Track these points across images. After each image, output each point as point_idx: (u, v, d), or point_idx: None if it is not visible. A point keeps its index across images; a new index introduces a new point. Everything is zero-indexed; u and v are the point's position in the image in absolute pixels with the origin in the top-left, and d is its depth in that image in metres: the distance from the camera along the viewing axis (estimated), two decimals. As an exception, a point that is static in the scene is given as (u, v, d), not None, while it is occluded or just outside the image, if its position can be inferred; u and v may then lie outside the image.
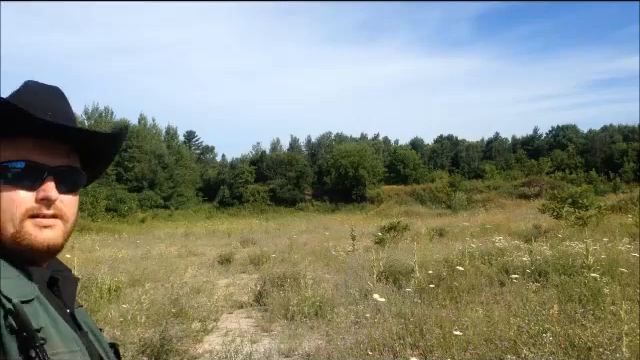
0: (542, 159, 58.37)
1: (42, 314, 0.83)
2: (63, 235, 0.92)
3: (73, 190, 0.94)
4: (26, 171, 0.88)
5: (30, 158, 0.88)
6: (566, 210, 15.50)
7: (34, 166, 0.88)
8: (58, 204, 0.90)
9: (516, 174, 55.43)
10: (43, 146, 0.90)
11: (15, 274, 0.85)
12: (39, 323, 0.81)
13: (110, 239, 20.07)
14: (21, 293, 0.81)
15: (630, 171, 50.52)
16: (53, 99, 0.95)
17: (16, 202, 0.87)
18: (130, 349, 4.95)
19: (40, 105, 0.90)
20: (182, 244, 16.87)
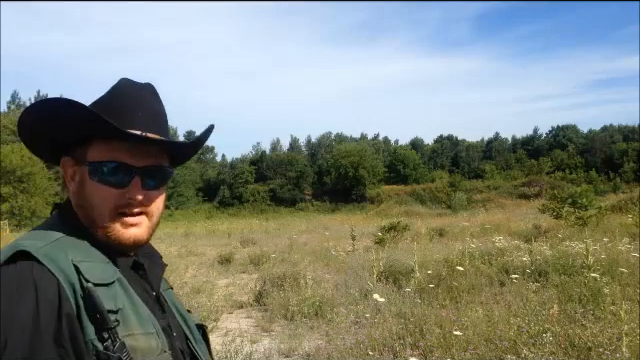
0: (542, 159, 58.40)
1: (122, 296, 0.89)
2: (148, 230, 0.98)
3: (160, 187, 1.00)
4: (116, 171, 0.93)
5: (121, 159, 0.93)
6: (566, 210, 15.49)
7: (124, 167, 0.94)
8: (144, 202, 0.96)
9: (516, 174, 55.44)
10: (133, 148, 0.94)
11: (100, 258, 0.92)
12: (117, 305, 0.87)
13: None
14: (101, 276, 0.88)
15: (630, 171, 50.54)
16: (145, 98, 0.99)
17: (106, 199, 0.93)
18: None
19: (131, 104, 0.96)
20: (182, 244, 16.86)
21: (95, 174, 0.93)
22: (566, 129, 68.76)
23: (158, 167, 0.97)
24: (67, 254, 0.86)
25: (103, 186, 0.93)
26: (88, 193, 0.94)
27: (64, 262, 0.85)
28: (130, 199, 0.94)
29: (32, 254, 0.83)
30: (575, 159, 59.23)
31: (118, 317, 0.85)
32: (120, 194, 0.94)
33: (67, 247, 0.88)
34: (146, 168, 0.95)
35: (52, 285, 0.81)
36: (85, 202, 0.95)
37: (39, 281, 0.81)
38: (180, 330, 1.03)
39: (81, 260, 0.87)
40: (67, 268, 0.84)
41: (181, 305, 1.10)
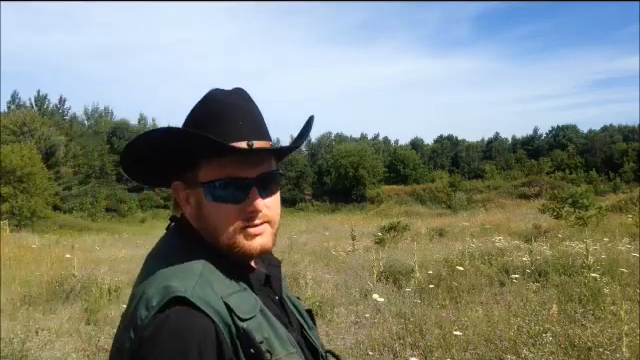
0: (542, 159, 58.37)
1: (265, 325, 0.89)
2: (272, 237, 0.97)
3: (274, 191, 0.98)
4: (231, 187, 0.92)
5: (233, 174, 0.92)
6: (566, 210, 15.48)
7: (238, 181, 0.92)
8: (265, 211, 0.94)
9: (516, 174, 55.42)
10: (243, 160, 0.92)
11: (237, 285, 0.92)
12: (263, 335, 0.87)
13: (110, 239, 20.06)
14: (248, 310, 0.88)
15: (630, 171, 50.52)
16: (241, 105, 0.96)
17: (228, 217, 0.92)
18: (130, 349, 4.95)
19: (230, 115, 0.94)
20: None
21: (211, 194, 0.92)
22: (566, 129, 68.76)
23: (270, 173, 0.97)
24: (215, 291, 0.87)
25: (221, 204, 0.92)
26: (207, 214, 0.94)
27: (216, 302, 0.85)
28: (252, 212, 0.93)
29: (188, 299, 0.83)
30: (575, 159, 59.23)
31: (266, 346, 0.87)
32: (240, 209, 0.92)
33: (211, 281, 0.88)
34: (259, 177, 0.94)
35: (211, 331, 0.82)
36: (206, 223, 0.94)
37: (199, 330, 0.81)
38: (296, 321, 1.04)
39: (228, 294, 0.88)
40: (220, 309, 0.85)
41: (290, 292, 1.10)
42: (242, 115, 0.95)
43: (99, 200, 40.96)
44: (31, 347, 4.69)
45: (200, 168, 0.94)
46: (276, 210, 0.98)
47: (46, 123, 41.99)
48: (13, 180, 28.89)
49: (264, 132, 0.98)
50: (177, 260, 0.91)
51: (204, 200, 0.93)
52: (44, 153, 37.42)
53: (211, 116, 0.94)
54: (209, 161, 0.92)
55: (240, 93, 0.99)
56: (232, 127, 0.92)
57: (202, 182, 0.93)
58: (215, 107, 0.95)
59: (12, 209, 27.58)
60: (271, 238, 0.97)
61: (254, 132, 0.94)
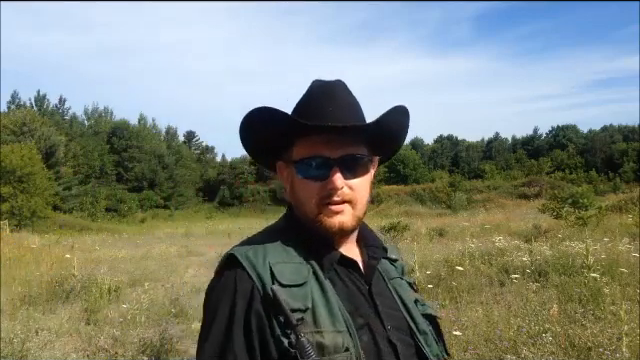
0: (542, 159, 58.39)
1: (314, 295, 0.97)
2: (352, 218, 1.03)
3: (359, 175, 1.04)
4: (316, 165, 1.01)
5: (318, 153, 1.01)
6: (566, 210, 15.49)
7: (321, 160, 1.01)
8: (345, 191, 1.01)
9: (516, 174, 55.41)
10: (329, 141, 1.00)
11: (299, 259, 1.01)
12: (306, 304, 0.95)
13: (110, 239, 20.06)
14: (293, 278, 0.97)
15: (630, 171, 50.52)
16: (335, 93, 1.05)
17: (311, 193, 1.02)
18: (130, 349, 4.96)
19: (322, 101, 1.04)
20: (182, 244, 16.87)
21: (299, 171, 1.03)
22: (566, 129, 68.77)
23: (353, 156, 1.02)
24: (266, 258, 0.99)
25: (307, 181, 1.02)
26: (297, 190, 1.05)
27: (261, 266, 0.97)
28: (331, 189, 1.00)
29: (238, 260, 0.99)
30: (575, 159, 59.24)
31: (306, 315, 0.94)
32: (322, 186, 1.01)
33: (268, 251, 1.01)
34: (342, 158, 1.00)
35: (248, 287, 0.96)
36: (296, 199, 1.06)
37: (239, 284, 0.97)
38: (402, 322, 1.06)
39: (278, 262, 0.99)
40: (263, 272, 0.97)
41: (407, 294, 1.12)
42: (334, 102, 1.03)
43: (99, 200, 40.96)
44: (31, 347, 4.69)
45: (294, 147, 1.04)
46: (360, 192, 1.04)
47: (46, 123, 41.99)
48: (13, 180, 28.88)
49: (355, 119, 1.04)
50: (260, 236, 1.07)
51: (295, 177, 1.04)
52: (44, 153, 37.41)
53: (305, 101, 1.06)
54: (300, 141, 1.03)
55: (338, 84, 1.08)
56: (320, 111, 1.02)
57: (294, 160, 1.04)
58: (310, 94, 1.07)
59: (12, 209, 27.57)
60: (352, 218, 1.03)
61: (343, 117, 1.01)
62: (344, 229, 1.02)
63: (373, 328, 1.01)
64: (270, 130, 1.05)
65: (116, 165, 51.29)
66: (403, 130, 1.13)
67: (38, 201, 29.49)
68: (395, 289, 1.11)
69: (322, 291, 0.99)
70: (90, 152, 47.94)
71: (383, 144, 1.11)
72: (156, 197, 50.62)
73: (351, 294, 1.03)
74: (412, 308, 1.09)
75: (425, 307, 1.13)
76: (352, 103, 1.07)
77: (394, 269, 1.16)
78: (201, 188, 57.09)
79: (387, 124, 1.05)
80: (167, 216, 46.49)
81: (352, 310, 1.00)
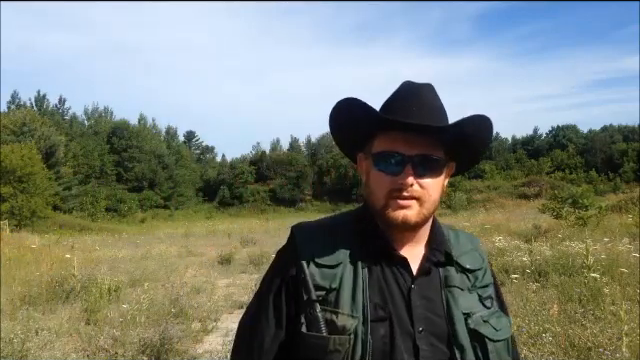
0: (542, 159, 58.38)
1: (344, 278, 1.04)
2: (418, 214, 1.06)
3: (431, 175, 1.07)
4: (391, 159, 1.06)
5: (395, 149, 1.05)
6: (566, 210, 15.49)
7: (397, 155, 1.05)
8: (415, 188, 1.04)
9: (516, 174, 55.43)
10: (407, 138, 1.04)
11: (342, 244, 1.09)
12: (332, 284, 1.04)
13: (110, 239, 20.06)
14: (327, 259, 1.07)
15: (630, 171, 50.52)
16: (421, 94, 1.08)
17: (383, 184, 1.06)
18: (130, 349, 4.95)
19: (407, 101, 1.07)
20: (182, 244, 16.86)
21: (376, 164, 1.07)
22: (566, 129, 68.73)
23: (428, 156, 1.05)
24: (317, 237, 1.10)
25: (381, 173, 1.07)
26: (371, 181, 1.09)
27: (307, 244, 1.09)
28: (402, 184, 1.03)
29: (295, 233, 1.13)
30: (575, 159, 59.21)
31: (330, 295, 1.03)
32: (394, 180, 1.04)
33: (323, 231, 1.12)
34: (418, 156, 1.04)
35: (291, 257, 1.09)
36: (369, 189, 1.10)
37: (285, 257, 1.12)
38: (442, 330, 1.06)
39: (323, 243, 1.08)
40: (307, 249, 1.08)
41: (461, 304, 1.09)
42: (418, 102, 1.06)
43: (99, 200, 40.97)
44: (31, 347, 4.69)
45: (375, 140, 1.09)
46: (430, 191, 1.06)
47: (46, 123, 41.99)
48: (13, 180, 28.88)
49: (437, 121, 1.05)
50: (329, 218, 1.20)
51: (372, 169, 1.09)
52: (44, 153, 37.41)
53: (392, 99, 1.10)
54: (381, 135, 1.07)
55: (426, 86, 1.11)
56: (404, 109, 1.05)
57: (373, 153, 1.08)
58: (398, 92, 1.11)
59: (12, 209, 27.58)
60: (417, 215, 1.05)
61: (425, 118, 1.03)
62: (407, 223, 1.05)
63: (396, 324, 1.03)
64: (355, 121, 1.10)
65: (116, 165, 51.29)
66: (482, 140, 1.13)
67: (38, 201, 29.50)
68: (447, 297, 1.09)
69: (353, 277, 1.05)
70: (90, 152, 47.93)
71: (461, 151, 1.12)
72: (156, 197, 50.61)
73: (385, 287, 1.06)
74: (457, 319, 1.07)
75: (479, 323, 1.08)
76: (437, 106, 1.09)
77: (463, 278, 1.13)
78: (201, 188, 57.09)
79: (465, 130, 1.06)
80: (167, 216, 46.49)
81: (378, 302, 1.04)
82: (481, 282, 1.14)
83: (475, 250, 1.19)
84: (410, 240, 1.11)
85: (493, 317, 1.10)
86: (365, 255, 1.07)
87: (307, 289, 1.04)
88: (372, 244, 1.09)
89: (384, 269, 1.07)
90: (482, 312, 1.10)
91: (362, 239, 1.10)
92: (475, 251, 1.18)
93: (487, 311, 1.11)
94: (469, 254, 1.17)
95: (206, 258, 13.05)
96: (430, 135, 1.04)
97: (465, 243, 1.19)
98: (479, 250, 1.20)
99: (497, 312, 1.13)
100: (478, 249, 1.20)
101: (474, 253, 1.18)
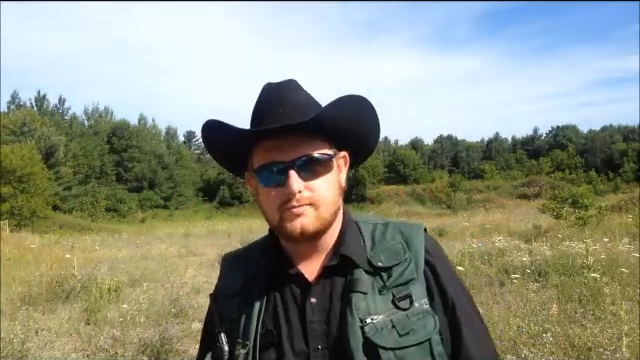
0: (542, 159, 58.41)
1: (242, 307, 1.02)
2: (316, 220, 0.97)
3: (319, 175, 0.98)
4: (272, 171, 0.97)
5: (273, 158, 0.97)
6: (566, 210, 15.48)
7: (276, 165, 0.97)
8: (305, 194, 0.96)
9: (516, 174, 55.45)
10: (282, 144, 0.96)
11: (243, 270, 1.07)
12: (231, 314, 1.02)
13: (110, 239, 20.06)
14: (230, 288, 1.07)
15: (630, 171, 50.52)
16: (284, 94, 1.00)
17: (272, 200, 0.98)
18: (130, 349, 4.96)
19: (271, 105, 0.99)
20: (182, 244, 16.86)
21: (260, 179, 0.99)
22: (566, 129, 68.77)
23: (309, 156, 0.97)
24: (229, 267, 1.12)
25: (267, 188, 0.98)
26: (261, 199, 1.01)
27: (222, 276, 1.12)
28: (289, 194, 0.95)
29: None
30: (575, 159, 59.23)
31: (233, 324, 1.01)
32: (282, 192, 0.96)
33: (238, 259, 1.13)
34: (297, 160, 0.96)
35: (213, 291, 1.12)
36: (262, 208, 1.02)
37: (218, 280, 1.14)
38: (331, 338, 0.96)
39: (232, 273, 1.09)
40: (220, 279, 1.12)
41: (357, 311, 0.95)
42: (282, 104, 0.98)
43: (99, 200, 40.99)
44: (31, 347, 4.69)
45: (253, 156, 1.01)
46: (321, 192, 0.97)
47: (46, 123, 42.00)
48: (13, 180, 28.87)
49: (301, 117, 0.96)
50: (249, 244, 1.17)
51: (259, 186, 1.00)
52: (44, 153, 37.42)
53: (255, 107, 1.02)
54: (257, 149, 0.99)
55: (288, 84, 1.02)
56: (269, 114, 0.97)
57: (254, 169, 1.00)
58: (260, 99, 1.02)
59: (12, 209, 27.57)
60: (314, 221, 0.97)
61: (288, 117, 0.96)
62: (306, 232, 0.96)
63: (286, 347, 0.96)
64: (222, 144, 1.02)
65: (116, 165, 51.29)
66: (358, 120, 1.01)
67: (38, 201, 29.49)
68: (344, 305, 0.96)
69: (248, 303, 1.01)
70: (90, 152, 47.93)
71: (346, 139, 1.02)
72: (156, 197, 50.60)
73: (281, 308, 0.99)
74: (351, 330, 0.93)
75: (375, 330, 0.93)
76: (303, 102, 1.00)
77: (372, 279, 0.98)
78: (201, 188, 57.09)
79: (336, 116, 0.96)
80: (167, 216, 46.48)
81: (270, 326, 0.98)
82: (397, 280, 0.98)
83: (400, 242, 1.02)
84: (315, 250, 1.02)
85: (405, 320, 0.94)
86: (262, 278, 1.02)
87: (213, 322, 1.04)
88: (270, 264, 1.03)
89: (282, 289, 1.01)
90: (390, 316, 0.94)
91: (262, 260, 1.05)
92: (399, 243, 1.02)
93: (399, 314, 0.95)
94: (389, 249, 1.01)
95: (206, 258, 13.04)
96: (304, 133, 0.95)
97: (393, 236, 1.03)
98: (409, 241, 1.03)
99: (419, 313, 0.95)
100: (409, 239, 1.03)
101: (396, 246, 1.02)
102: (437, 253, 1.05)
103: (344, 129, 1.00)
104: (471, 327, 1.02)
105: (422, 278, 0.99)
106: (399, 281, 0.98)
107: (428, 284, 1.00)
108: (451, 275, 1.05)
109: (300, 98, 1.01)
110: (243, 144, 1.00)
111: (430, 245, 1.04)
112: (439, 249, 1.08)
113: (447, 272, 1.04)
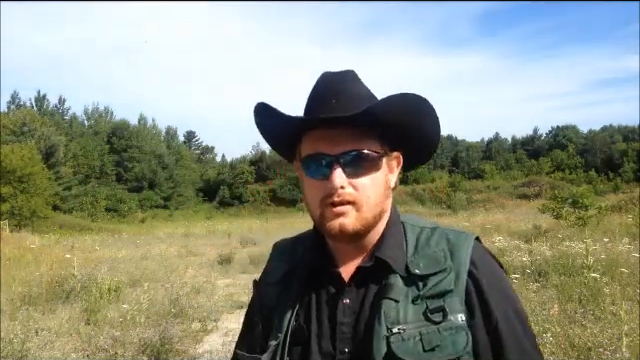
0: (542, 159, 58.43)
1: (280, 297, 1.01)
2: (356, 221, 0.93)
3: (366, 173, 0.93)
4: (316, 162, 0.94)
5: (319, 150, 0.93)
6: (566, 210, 15.47)
7: (321, 157, 0.93)
8: (347, 190, 0.92)
9: (516, 174, 55.46)
10: (330, 136, 0.92)
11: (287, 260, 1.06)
12: (271, 302, 1.02)
13: (110, 239, 20.05)
14: (273, 276, 1.06)
15: (630, 171, 50.55)
16: (340, 85, 0.96)
17: (315, 192, 0.95)
18: (130, 349, 4.96)
19: (326, 95, 0.95)
20: (182, 244, 16.86)
21: (305, 170, 0.96)
22: (566, 129, 68.75)
23: (357, 152, 0.92)
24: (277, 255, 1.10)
25: (311, 180, 0.95)
26: (305, 190, 0.98)
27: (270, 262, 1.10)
28: (331, 189, 0.91)
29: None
30: (575, 159, 59.24)
31: (271, 314, 1.00)
32: (324, 186, 0.92)
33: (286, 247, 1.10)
34: (344, 154, 0.91)
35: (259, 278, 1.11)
36: (305, 199, 0.99)
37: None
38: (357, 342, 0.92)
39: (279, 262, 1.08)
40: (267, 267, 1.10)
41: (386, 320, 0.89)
42: (337, 95, 0.95)
43: (99, 200, 41.02)
44: (31, 347, 4.69)
45: (302, 144, 0.97)
46: (366, 192, 0.93)
47: (46, 123, 42.03)
48: (13, 180, 28.87)
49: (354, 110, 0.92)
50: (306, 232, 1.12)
51: (304, 176, 0.97)
52: (44, 153, 37.43)
53: (311, 95, 0.99)
54: (306, 137, 0.96)
55: (343, 74, 0.99)
56: (323, 104, 0.94)
57: (301, 158, 0.97)
58: (316, 87, 0.98)
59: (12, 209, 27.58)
60: (354, 221, 0.92)
61: (341, 109, 0.92)
62: (345, 232, 0.92)
63: (314, 346, 0.94)
64: (272, 128, 1.01)
65: (116, 165, 51.30)
66: (418, 120, 0.97)
67: (38, 201, 29.50)
68: (375, 311, 0.91)
69: (286, 295, 1.00)
70: (90, 152, 47.95)
71: (401, 137, 0.97)
72: (156, 197, 50.62)
73: (315, 305, 0.97)
74: (376, 338, 0.88)
75: (400, 342, 0.87)
76: (359, 94, 0.96)
77: (408, 287, 0.92)
78: (201, 188, 57.10)
79: (389, 113, 0.92)
80: (167, 216, 46.51)
81: (302, 322, 0.96)
82: (432, 290, 0.91)
83: (443, 250, 0.96)
84: (356, 250, 0.98)
85: (435, 334, 0.87)
86: (303, 272, 1.00)
87: (255, 310, 1.04)
88: (312, 260, 1.00)
89: (319, 285, 0.98)
90: (420, 328, 0.88)
91: (307, 255, 1.02)
92: (442, 251, 0.95)
93: (430, 327, 0.88)
94: (430, 256, 0.95)
95: (206, 258, 13.05)
96: (355, 128, 0.91)
97: (437, 242, 0.97)
98: (454, 249, 0.96)
99: (452, 329, 0.88)
100: (454, 248, 0.96)
101: (438, 254, 0.95)
102: (486, 267, 0.97)
103: (397, 127, 0.95)
104: (518, 352, 0.94)
105: (462, 291, 0.92)
106: (434, 292, 0.91)
107: (468, 298, 0.92)
108: (501, 292, 0.97)
109: (356, 90, 0.97)
110: (292, 131, 0.97)
111: (478, 257, 0.98)
112: (489, 263, 1.00)
113: (495, 288, 0.96)
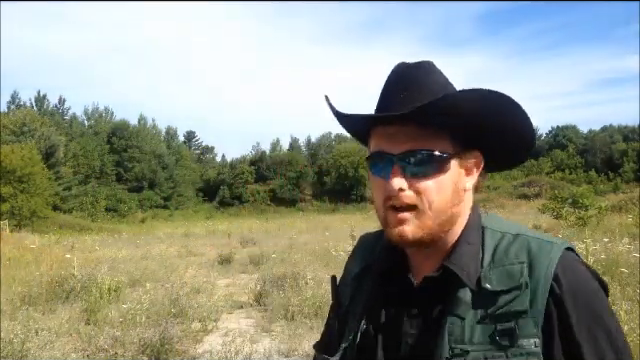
0: (542, 159, 58.38)
1: (354, 295, 0.98)
2: (418, 228, 0.84)
3: (429, 176, 0.84)
4: (377, 161, 0.87)
5: (381, 148, 0.86)
6: (566, 210, 15.48)
7: (381, 155, 0.86)
8: (407, 194, 0.84)
9: (516, 174, 55.40)
10: (393, 133, 0.85)
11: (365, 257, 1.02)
12: (345, 301, 0.99)
13: (110, 239, 20.07)
14: (349, 272, 1.03)
15: (630, 171, 50.54)
16: (412, 78, 0.88)
17: (377, 192, 0.88)
18: (130, 349, 4.96)
19: (396, 88, 0.88)
20: (182, 244, 16.87)
21: (370, 167, 0.90)
22: (566, 129, 68.73)
23: (419, 152, 0.83)
24: (359, 250, 1.06)
25: (374, 177, 0.88)
26: (372, 188, 0.91)
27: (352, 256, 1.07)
28: (390, 191, 0.84)
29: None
30: (575, 159, 59.23)
31: (345, 313, 0.97)
32: (385, 186, 0.85)
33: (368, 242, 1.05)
34: (404, 154, 0.83)
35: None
36: (373, 197, 0.91)
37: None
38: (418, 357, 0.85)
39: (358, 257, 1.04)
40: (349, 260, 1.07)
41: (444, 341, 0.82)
42: (407, 88, 0.87)
43: (99, 200, 41.06)
44: (31, 347, 4.69)
45: (370, 140, 0.91)
46: (429, 196, 0.84)
47: (46, 123, 42.05)
48: (13, 180, 28.90)
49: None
50: None
51: (369, 174, 0.91)
52: (44, 153, 37.43)
53: (382, 88, 0.91)
54: (373, 133, 0.89)
55: (417, 65, 0.90)
56: (392, 98, 0.87)
57: (368, 155, 0.91)
58: (388, 79, 0.91)
59: (12, 209, 27.59)
60: (415, 229, 0.84)
61: (407, 103, 0.84)
62: (405, 240, 0.85)
63: (378, 354, 0.89)
64: (346, 124, 0.96)
65: (116, 165, 51.30)
66: (499, 115, 0.87)
67: (38, 201, 29.52)
68: (439, 328, 0.83)
69: (359, 296, 0.97)
70: (90, 152, 47.96)
71: (480, 134, 0.88)
72: (156, 197, 50.63)
73: (385, 311, 0.92)
74: (437, 357, 0.81)
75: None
76: (431, 87, 0.86)
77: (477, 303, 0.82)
78: (201, 188, 57.10)
79: (455, 107, 0.82)
80: (167, 216, 46.53)
81: (371, 326, 0.92)
82: (501, 310, 0.80)
83: (521, 263, 0.82)
84: (428, 255, 0.90)
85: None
86: (376, 273, 0.95)
87: (331, 310, 1.02)
88: (386, 261, 0.94)
89: (390, 289, 0.92)
90: (485, 352, 0.79)
91: (383, 255, 0.95)
92: (520, 264, 0.82)
93: (496, 352, 0.79)
94: (505, 269, 0.83)
95: (206, 258, 13.05)
96: (420, 124, 0.83)
97: (517, 253, 0.84)
98: (534, 262, 0.82)
99: (522, 355, 0.78)
100: (535, 261, 0.82)
101: (514, 268, 0.82)
102: (573, 285, 0.80)
103: (473, 122, 0.85)
104: None
105: (540, 313, 0.79)
106: (504, 311, 0.80)
107: (547, 321, 0.79)
108: (591, 316, 0.80)
109: (429, 82, 0.87)
110: (359, 128, 0.93)
111: (564, 272, 0.81)
112: (580, 280, 0.82)
113: (584, 311, 0.79)
